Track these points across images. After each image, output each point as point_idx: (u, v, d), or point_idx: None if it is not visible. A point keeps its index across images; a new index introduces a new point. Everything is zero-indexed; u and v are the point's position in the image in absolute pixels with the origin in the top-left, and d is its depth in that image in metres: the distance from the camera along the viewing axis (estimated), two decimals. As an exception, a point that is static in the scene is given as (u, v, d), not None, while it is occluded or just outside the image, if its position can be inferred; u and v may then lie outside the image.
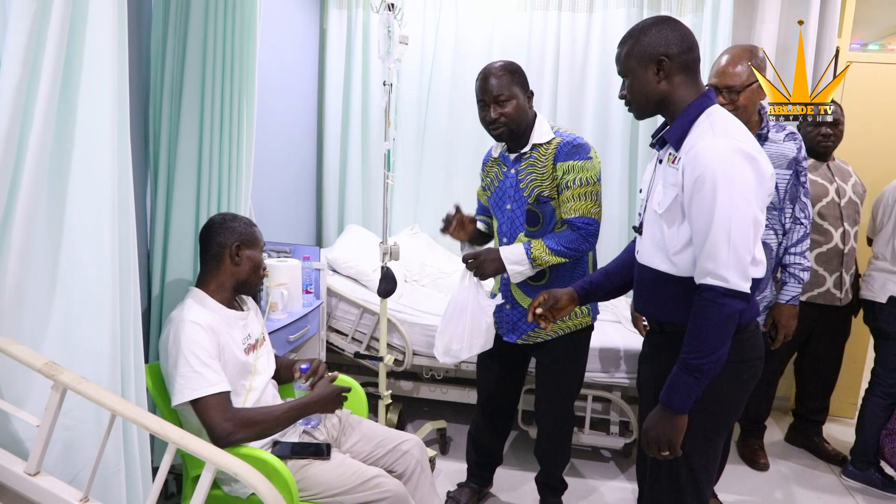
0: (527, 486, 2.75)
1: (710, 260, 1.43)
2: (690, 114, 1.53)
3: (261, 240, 2.02)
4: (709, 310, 1.44)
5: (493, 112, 2.15)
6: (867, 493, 2.88)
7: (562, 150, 2.15)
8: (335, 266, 3.41)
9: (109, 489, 1.50)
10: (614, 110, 3.67)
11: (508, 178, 2.26)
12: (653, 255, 1.62)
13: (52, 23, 1.32)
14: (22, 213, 1.33)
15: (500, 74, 2.14)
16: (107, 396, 1.32)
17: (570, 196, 2.15)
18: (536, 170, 2.19)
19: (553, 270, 2.24)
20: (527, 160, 2.21)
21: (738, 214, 1.41)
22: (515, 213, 2.25)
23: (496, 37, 3.79)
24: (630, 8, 3.60)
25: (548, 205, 2.19)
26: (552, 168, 2.16)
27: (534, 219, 2.21)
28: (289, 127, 3.54)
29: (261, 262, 2.01)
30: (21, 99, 1.29)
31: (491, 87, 2.14)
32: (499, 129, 2.17)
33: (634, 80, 1.57)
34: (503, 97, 2.13)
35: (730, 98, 2.22)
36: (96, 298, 1.47)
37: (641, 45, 1.55)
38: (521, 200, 2.22)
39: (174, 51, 2.08)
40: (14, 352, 1.31)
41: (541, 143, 2.19)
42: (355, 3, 3.86)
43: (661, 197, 1.56)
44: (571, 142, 2.16)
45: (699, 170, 1.43)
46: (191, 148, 2.12)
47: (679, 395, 1.48)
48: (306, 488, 1.81)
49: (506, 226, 2.29)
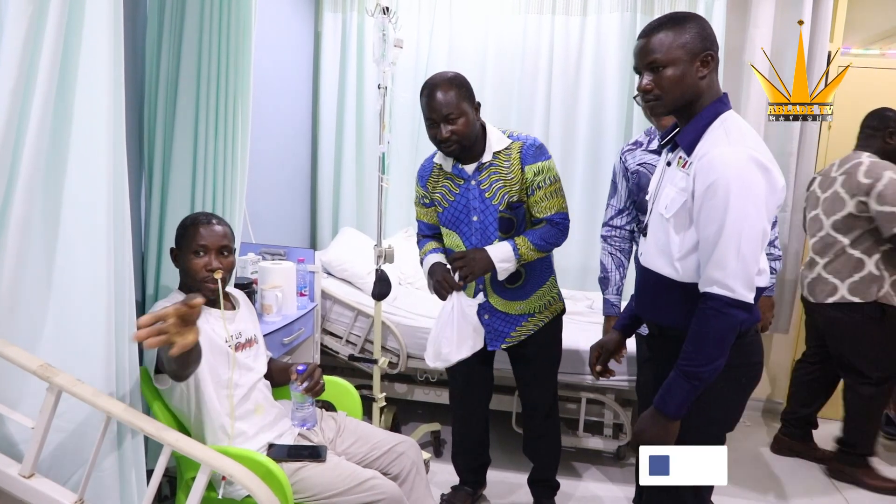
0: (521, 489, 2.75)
1: (717, 269, 1.42)
2: (705, 118, 1.50)
3: (193, 239, 1.87)
4: (712, 319, 1.43)
5: (444, 131, 2.07)
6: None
7: (528, 153, 2.15)
8: (329, 269, 3.41)
9: (104, 491, 1.51)
10: (608, 114, 3.69)
11: (470, 191, 2.21)
12: (656, 258, 1.60)
13: (48, 25, 1.32)
14: (18, 215, 1.33)
15: (447, 90, 2.06)
16: (102, 399, 1.32)
17: (544, 195, 2.17)
18: (503, 176, 2.17)
19: (527, 270, 2.28)
20: (488, 169, 2.18)
21: (749, 225, 1.39)
22: (485, 223, 2.22)
23: (490, 40, 3.80)
24: (623, 12, 3.62)
25: (520, 209, 2.19)
26: (520, 172, 2.16)
27: (507, 225, 2.21)
28: (283, 129, 3.54)
29: (197, 265, 1.85)
30: (17, 101, 1.30)
31: (439, 106, 2.06)
32: (451, 147, 2.11)
33: (675, 72, 1.48)
34: (453, 115, 2.06)
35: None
36: (91, 300, 1.47)
37: (691, 36, 1.47)
38: (491, 209, 2.20)
39: (169, 53, 2.08)
40: (9, 354, 1.31)
41: (500, 149, 2.17)
42: (350, 6, 3.86)
43: (669, 201, 1.53)
44: (533, 143, 2.17)
45: (712, 177, 1.40)
46: (185, 150, 2.12)
47: (675, 400, 1.48)
48: (301, 490, 1.81)
49: (476, 237, 2.25)
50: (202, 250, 1.86)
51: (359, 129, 3.97)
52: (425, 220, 2.41)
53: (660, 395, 1.51)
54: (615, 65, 3.64)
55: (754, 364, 1.60)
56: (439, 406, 3.25)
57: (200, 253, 1.86)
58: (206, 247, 1.87)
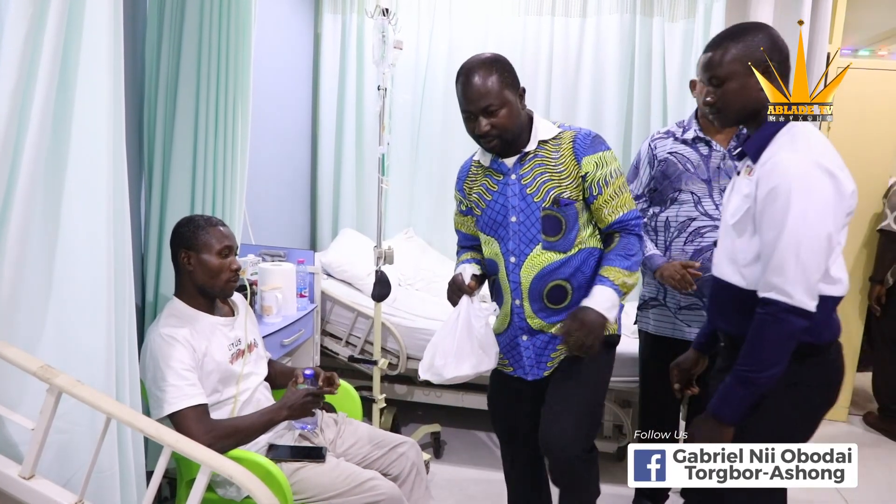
0: None
1: (776, 274, 1.39)
2: (772, 126, 1.48)
3: (215, 242, 1.88)
4: (769, 325, 1.40)
5: (484, 124, 1.76)
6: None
7: (582, 143, 1.81)
8: (329, 270, 3.41)
9: (104, 493, 1.50)
10: (607, 116, 3.69)
11: (510, 187, 1.86)
12: (725, 266, 1.57)
13: (48, 27, 1.32)
14: (18, 217, 1.33)
15: (486, 76, 1.74)
16: (102, 399, 1.32)
17: (613, 194, 1.82)
18: (550, 168, 1.82)
19: (574, 285, 1.86)
20: (532, 160, 1.83)
21: (811, 230, 1.36)
22: (526, 224, 1.85)
23: (490, 41, 3.80)
24: (623, 13, 3.62)
25: (571, 207, 1.81)
26: (574, 164, 1.80)
27: (554, 225, 1.83)
28: (283, 131, 3.54)
29: (219, 266, 1.88)
30: (17, 103, 1.30)
31: (477, 96, 1.74)
32: (492, 142, 1.80)
33: (735, 86, 1.50)
34: (493, 106, 1.74)
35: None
36: (92, 302, 1.47)
37: (749, 49, 1.48)
38: (533, 208, 1.83)
39: (169, 54, 2.09)
40: (9, 355, 1.31)
41: (547, 138, 1.84)
42: (350, 7, 3.87)
43: (734, 208, 1.52)
44: (588, 133, 1.83)
45: (774, 181, 1.39)
46: (185, 151, 2.12)
47: (731, 406, 1.45)
48: (301, 491, 1.81)
49: (513, 242, 1.87)
50: (227, 251, 1.90)
51: (358, 130, 3.97)
52: (463, 229, 2.10)
53: (716, 400, 1.48)
54: (615, 66, 3.64)
55: (833, 384, 1.53)
56: (439, 407, 3.25)
57: (225, 253, 1.90)
58: (230, 248, 1.91)
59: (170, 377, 1.74)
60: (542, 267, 1.85)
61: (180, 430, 1.71)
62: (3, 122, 1.27)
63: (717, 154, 2.22)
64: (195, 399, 1.75)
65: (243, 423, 1.83)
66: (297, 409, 1.88)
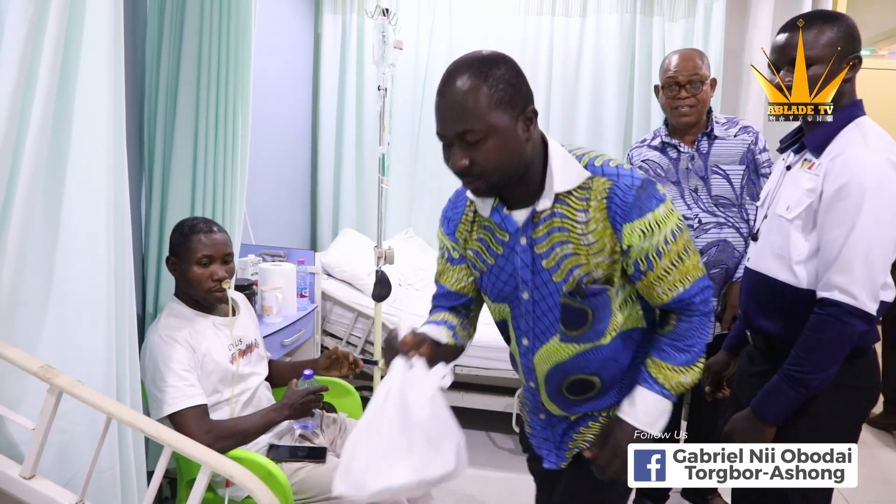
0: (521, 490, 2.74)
1: (841, 273, 1.33)
2: (839, 121, 1.42)
3: (196, 250, 1.84)
4: (830, 326, 1.34)
5: (459, 158, 1.18)
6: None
7: (621, 203, 1.20)
8: (330, 270, 3.42)
9: (104, 493, 1.51)
10: (607, 116, 3.70)
11: (517, 255, 1.29)
12: (770, 261, 1.51)
13: (48, 28, 1.32)
14: (18, 217, 1.34)
15: (467, 87, 1.16)
16: (102, 399, 1.32)
17: (668, 266, 1.24)
18: (574, 236, 1.24)
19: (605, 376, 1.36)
20: (548, 220, 1.25)
21: (882, 232, 1.32)
22: (541, 306, 1.31)
23: (490, 41, 3.80)
24: (623, 13, 3.62)
25: (602, 296, 1.26)
26: (610, 233, 1.22)
27: (577, 318, 1.28)
28: (283, 131, 3.54)
29: (197, 276, 1.84)
30: (17, 103, 1.30)
31: (449, 116, 1.18)
32: (474, 184, 1.22)
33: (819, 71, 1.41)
34: (473, 134, 1.16)
35: (691, 92, 2.21)
36: (92, 302, 1.47)
37: (842, 36, 1.40)
38: (551, 288, 1.28)
39: (169, 54, 2.09)
40: (9, 355, 1.31)
41: (569, 189, 1.23)
42: (350, 7, 3.87)
43: (792, 202, 1.45)
44: (631, 182, 1.20)
45: (845, 178, 1.33)
46: (186, 152, 2.12)
47: (776, 405, 1.40)
48: (301, 491, 1.81)
49: (525, 322, 1.35)
50: (206, 260, 1.86)
51: (358, 130, 3.97)
52: (447, 283, 1.46)
53: (760, 398, 1.43)
54: (615, 66, 3.65)
55: (875, 386, 1.50)
56: (439, 407, 3.25)
57: (204, 262, 1.86)
58: (210, 257, 1.86)
59: (169, 378, 1.74)
60: (560, 360, 1.34)
61: (180, 430, 1.71)
62: (3, 122, 1.27)
63: (685, 156, 2.26)
64: (195, 399, 1.75)
65: (243, 423, 1.83)
66: (298, 408, 1.88)
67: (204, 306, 1.92)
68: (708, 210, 2.26)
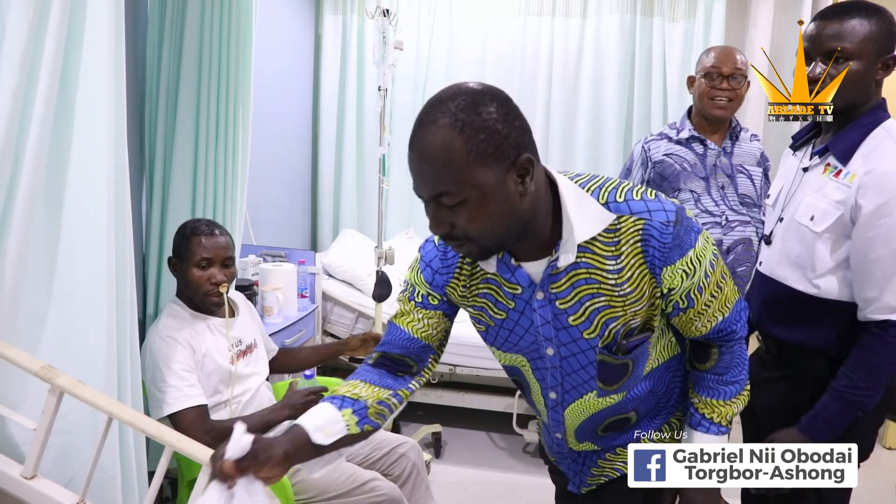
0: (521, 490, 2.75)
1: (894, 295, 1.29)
2: (864, 124, 1.36)
3: (196, 252, 1.84)
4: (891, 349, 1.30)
5: (438, 221, 1.01)
6: None
7: (659, 244, 1.04)
8: (330, 270, 3.42)
9: (105, 493, 1.51)
10: (608, 116, 3.70)
11: (536, 312, 1.12)
12: (785, 269, 1.46)
13: (49, 29, 1.33)
14: (19, 217, 1.34)
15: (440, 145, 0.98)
16: (103, 400, 1.32)
17: (709, 299, 1.14)
18: (605, 287, 1.08)
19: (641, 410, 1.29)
20: (570, 273, 1.08)
21: None
22: (571, 363, 1.17)
23: (490, 42, 3.81)
24: (623, 14, 3.62)
25: (644, 345, 1.16)
26: (649, 279, 1.08)
27: (617, 373, 1.18)
28: (284, 131, 3.55)
29: (196, 279, 1.84)
30: (18, 104, 1.30)
31: (420, 176, 1.02)
32: (462, 249, 1.04)
33: (859, 67, 1.33)
34: (448, 198, 0.98)
35: (733, 86, 2.22)
36: (93, 302, 1.48)
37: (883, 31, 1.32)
38: (582, 345, 1.14)
39: (170, 54, 2.09)
40: (10, 355, 1.32)
41: (594, 235, 1.05)
42: (350, 8, 3.88)
43: (819, 213, 1.38)
44: (666, 220, 1.04)
45: (886, 195, 1.27)
46: (186, 153, 2.12)
47: (830, 427, 1.35)
48: (302, 492, 1.81)
49: (552, 377, 1.22)
50: (205, 263, 1.86)
51: (359, 130, 3.98)
52: (407, 326, 1.26)
53: (811, 421, 1.38)
54: (615, 67, 3.65)
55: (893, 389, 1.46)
56: (440, 407, 3.25)
57: (203, 265, 1.86)
58: (210, 259, 1.86)
59: (169, 378, 1.74)
60: (596, 411, 1.25)
61: (179, 430, 1.71)
62: (4, 123, 1.28)
63: (712, 152, 2.26)
64: (195, 400, 1.75)
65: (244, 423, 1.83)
66: (298, 408, 1.88)
67: (204, 307, 1.93)
68: (734, 208, 2.26)
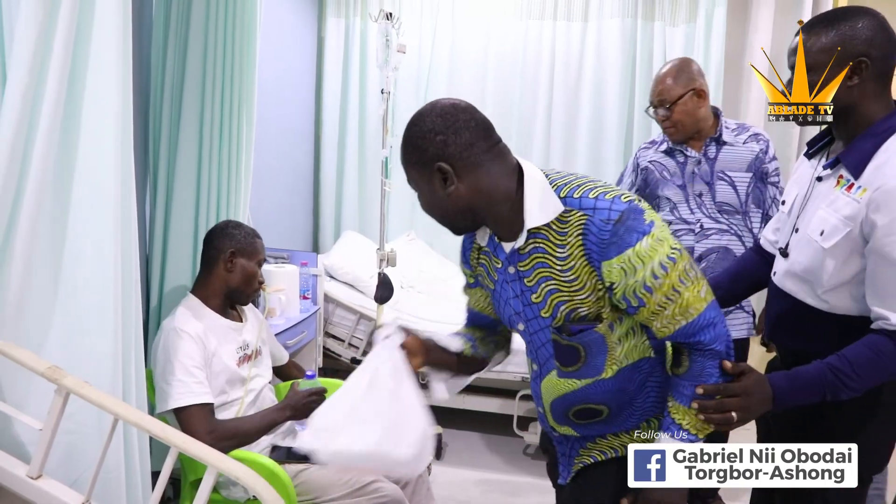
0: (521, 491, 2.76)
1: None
2: (875, 134, 1.32)
3: (260, 252, 2.02)
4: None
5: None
6: None
7: (596, 239, 1.15)
8: (332, 272, 3.43)
9: (110, 493, 1.51)
10: (609, 119, 3.71)
11: (508, 284, 1.29)
12: (793, 283, 1.44)
13: (58, 31, 1.34)
14: (26, 219, 1.35)
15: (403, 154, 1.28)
16: (109, 400, 1.33)
17: (662, 301, 1.16)
18: (555, 272, 1.20)
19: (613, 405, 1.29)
20: (532, 255, 1.22)
21: None
22: (537, 338, 1.29)
23: (492, 45, 3.83)
24: (624, 18, 3.64)
25: (590, 332, 1.22)
26: (589, 270, 1.17)
27: (570, 356, 1.26)
28: (286, 134, 3.56)
29: (255, 274, 2.00)
30: (27, 106, 1.32)
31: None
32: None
33: (815, 79, 1.33)
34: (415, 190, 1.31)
35: (664, 115, 2.22)
36: (98, 303, 1.49)
37: (844, 38, 1.30)
38: (541, 324, 1.26)
39: (174, 57, 2.11)
40: (17, 356, 1.33)
41: (541, 225, 1.19)
42: (353, 11, 3.89)
43: (829, 228, 1.35)
44: (606, 217, 1.14)
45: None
46: (190, 155, 2.14)
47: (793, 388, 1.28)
48: (304, 492, 1.82)
49: (530, 350, 1.36)
50: (260, 263, 2.02)
51: (361, 133, 3.99)
52: (471, 304, 1.50)
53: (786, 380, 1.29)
54: (616, 70, 3.66)
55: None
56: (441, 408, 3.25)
57: (259, 264, 2.02)
58: (262, 261, 2.03)
59: (178, 372, 1.76)
60: (562, 393, 1.31)
61: (183, 426, 1.73)
62: (13, 124, 1.29)
63: (692, 160, 2.27)
64: (201, 398, 1.76)
65: (246, 424, 1.84)
66: (300, 409, 1.89)
67: (220, 307, 1.96)
68: (710, 216, 2.27)
